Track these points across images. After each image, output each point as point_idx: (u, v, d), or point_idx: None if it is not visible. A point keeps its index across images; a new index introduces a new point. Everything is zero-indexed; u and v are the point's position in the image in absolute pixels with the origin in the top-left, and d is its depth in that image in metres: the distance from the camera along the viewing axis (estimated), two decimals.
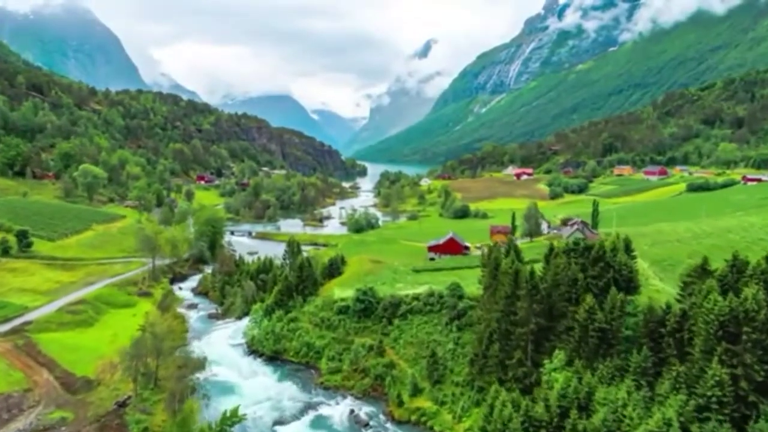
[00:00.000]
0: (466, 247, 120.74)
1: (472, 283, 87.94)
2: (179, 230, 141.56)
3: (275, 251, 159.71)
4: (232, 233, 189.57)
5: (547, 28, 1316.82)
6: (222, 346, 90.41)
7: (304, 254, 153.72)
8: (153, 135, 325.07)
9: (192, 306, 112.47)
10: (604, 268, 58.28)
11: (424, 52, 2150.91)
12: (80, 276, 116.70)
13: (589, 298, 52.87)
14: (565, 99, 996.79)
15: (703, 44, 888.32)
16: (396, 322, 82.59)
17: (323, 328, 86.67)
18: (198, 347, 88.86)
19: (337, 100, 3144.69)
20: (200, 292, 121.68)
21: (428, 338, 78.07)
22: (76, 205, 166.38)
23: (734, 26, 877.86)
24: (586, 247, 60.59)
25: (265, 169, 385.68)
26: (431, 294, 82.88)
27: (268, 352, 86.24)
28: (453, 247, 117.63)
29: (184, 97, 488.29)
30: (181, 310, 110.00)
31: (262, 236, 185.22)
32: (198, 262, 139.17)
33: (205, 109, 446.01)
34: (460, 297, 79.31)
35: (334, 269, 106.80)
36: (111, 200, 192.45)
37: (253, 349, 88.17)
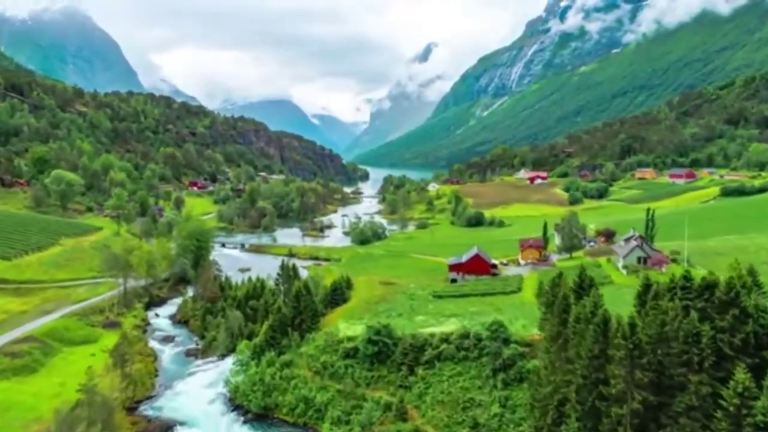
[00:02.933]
0: (494, 265, 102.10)
1: (514, 318, 69.46)
2: (159, 244, 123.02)
3: (270, 267, 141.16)
4: (223, 246, 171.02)
5: (548, 30, 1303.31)
6: (198, 398, 71.68)
7: (303, 271, 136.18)
8: (143, 139, 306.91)
9: (167, 339, 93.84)
10: (740, 318, 39.55)
11: (425, 56, 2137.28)
12: (35, 303, 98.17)
13: (741, 374, 34.18)
14: (569, 101, 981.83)
15: (708, 45, 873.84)
16: (420, 371, 63.93)
17: (325, 377, 67.96)
18: (167, 400, 70.32)
19: (337, 104, 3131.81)
20: (179, 320, 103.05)
21: (464, 396, 59.45)
22: (46, 215, 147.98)
23: (740, 27, 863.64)
24: (706, 285, 41.92)
25: (262, 174, 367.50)
26: (465, 335, 64.22)
27: (256, 408, 67.64)
28: (479, 266, 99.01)
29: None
30: (153, 343, 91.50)
31: (257, 249, 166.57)
32: (180, 282, 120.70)
33: (199, 112, 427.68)
34: (506, 341, 60.69)
35: (337, 295, 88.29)
36: (89, 209, 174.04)
37: (237, 404, 69.44)
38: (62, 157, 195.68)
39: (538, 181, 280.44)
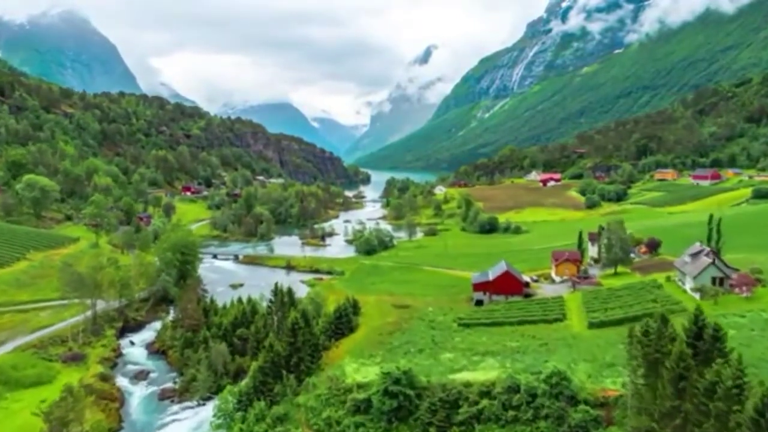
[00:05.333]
0: (526, 283, 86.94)
1: (572, 361, 54.17)
2: (138, 259, 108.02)
3: (266, 283, 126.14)
4: (215, 257, 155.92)
5: (550, 30, 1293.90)
6: None
7: (302, 287, 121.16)
8: (134, 141, 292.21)
9: (140, 375, 78.57)
10: None
11: (425, 58, 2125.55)
12: None
13: None
14: (571, 102, 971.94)
15: (712, 44, 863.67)
16: None
17: None
18: None
19: (337, 107, 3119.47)
20: (157, 349, 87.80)
21: None
22: (15, 225, 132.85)
23: (745, 26, 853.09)
24: None
25: (260, 178, 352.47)
26: (514, 387, 48.97)
27: None
28: (509, 285, 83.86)
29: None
30: (122, 381, 76.38)
31: (252, 261, 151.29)
32: (162, 302, 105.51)
33: (194, 113, 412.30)
34: (571, 399, 45.51)
35: (343, 323, 73.34)
36: (68, 218, 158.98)
37: None
38: (41, 160, 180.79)
39: (552, 183, 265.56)
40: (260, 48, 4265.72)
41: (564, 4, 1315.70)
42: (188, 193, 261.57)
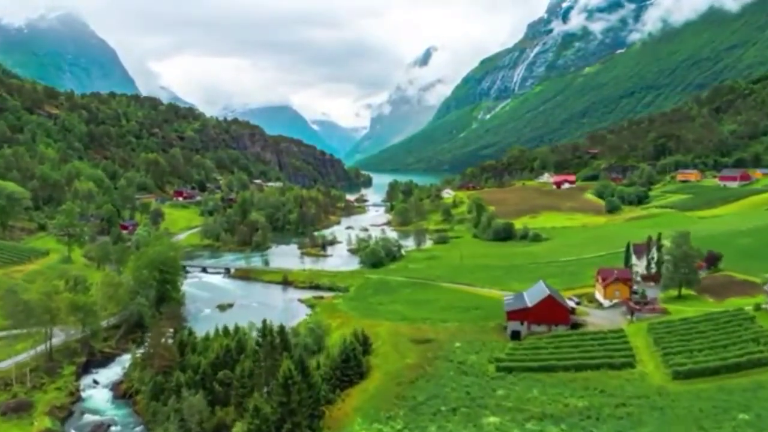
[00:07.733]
0: (572, 310, 71.73)
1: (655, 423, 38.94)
2: (108, 278, 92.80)
3: (260, 301, 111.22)
4: (205, 271, 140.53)
5: (551, 31, 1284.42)
6: None
7: (300, 308, 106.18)
8: (124, 144, 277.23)
9: (98, 430, 63.19)
10: None
11: (425, 59, 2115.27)
12: None
13: None
14: (574, 103, 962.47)
15: (717, 43, 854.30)
16: None
17: None
18: None
19: (337, 110, 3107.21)
20: (124, 392, 72.45)
21: None
22: None
23: (749, 24, 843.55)
24: None
25: (257, 181, 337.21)
26: None
27: None
28: (552, 312, 68.70)
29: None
30: None
31: (245, 275, 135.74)
32: (136, 329, 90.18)
33: (188, 114, 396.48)
34: None
35: (350, 368, 58.24)
36: (42, 228, 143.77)
37: None
38: (17, 165, 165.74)
39: (566, 185, 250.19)
40: (259, 50, 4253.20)
41: (565, 4, 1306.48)
42: (180, 198, 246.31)
